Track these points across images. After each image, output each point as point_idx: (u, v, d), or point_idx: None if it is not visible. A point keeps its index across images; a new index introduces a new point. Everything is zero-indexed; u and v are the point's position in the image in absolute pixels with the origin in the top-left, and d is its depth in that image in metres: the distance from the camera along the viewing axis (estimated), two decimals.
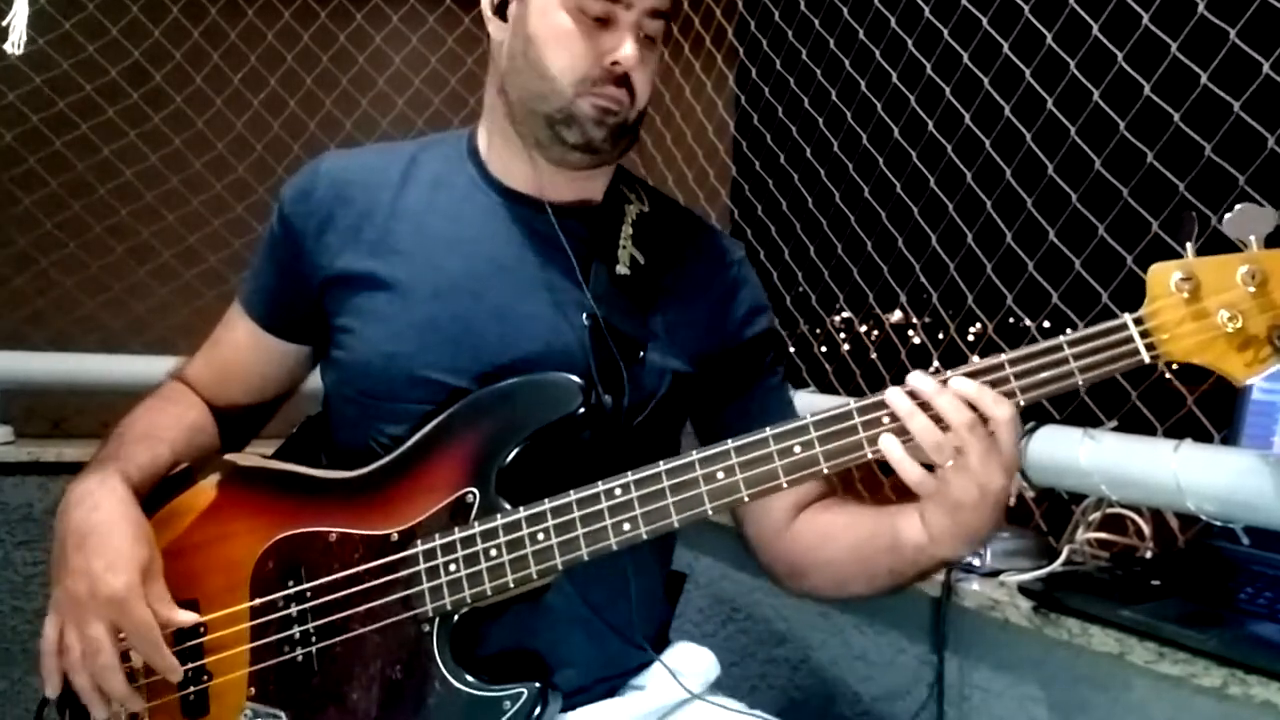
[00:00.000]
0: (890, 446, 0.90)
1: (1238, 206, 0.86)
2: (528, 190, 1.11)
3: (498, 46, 1.09)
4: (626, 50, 1.01)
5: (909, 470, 0.91)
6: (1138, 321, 0.87)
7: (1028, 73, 1.56)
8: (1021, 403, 0.89)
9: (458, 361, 1.05)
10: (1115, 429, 1.34)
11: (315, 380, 1.23)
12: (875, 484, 1.81)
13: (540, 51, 1.03)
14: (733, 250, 1.21)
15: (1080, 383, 0.88)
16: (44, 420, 2.29)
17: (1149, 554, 1.37)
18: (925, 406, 0.90)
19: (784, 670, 1.73)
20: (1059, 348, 0.88)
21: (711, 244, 1.20)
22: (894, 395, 0.91)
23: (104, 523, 0.98)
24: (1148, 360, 0.87)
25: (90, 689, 0.99)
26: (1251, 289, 0.85)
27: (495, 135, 1.12)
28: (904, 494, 0.97)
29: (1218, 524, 1.25)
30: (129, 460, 1.05)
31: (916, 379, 0.90)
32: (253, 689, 1.01)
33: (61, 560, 0.99)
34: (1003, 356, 0.90)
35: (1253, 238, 0.85)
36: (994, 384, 0.90)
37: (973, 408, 0.88)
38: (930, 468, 0.92)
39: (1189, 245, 0.87)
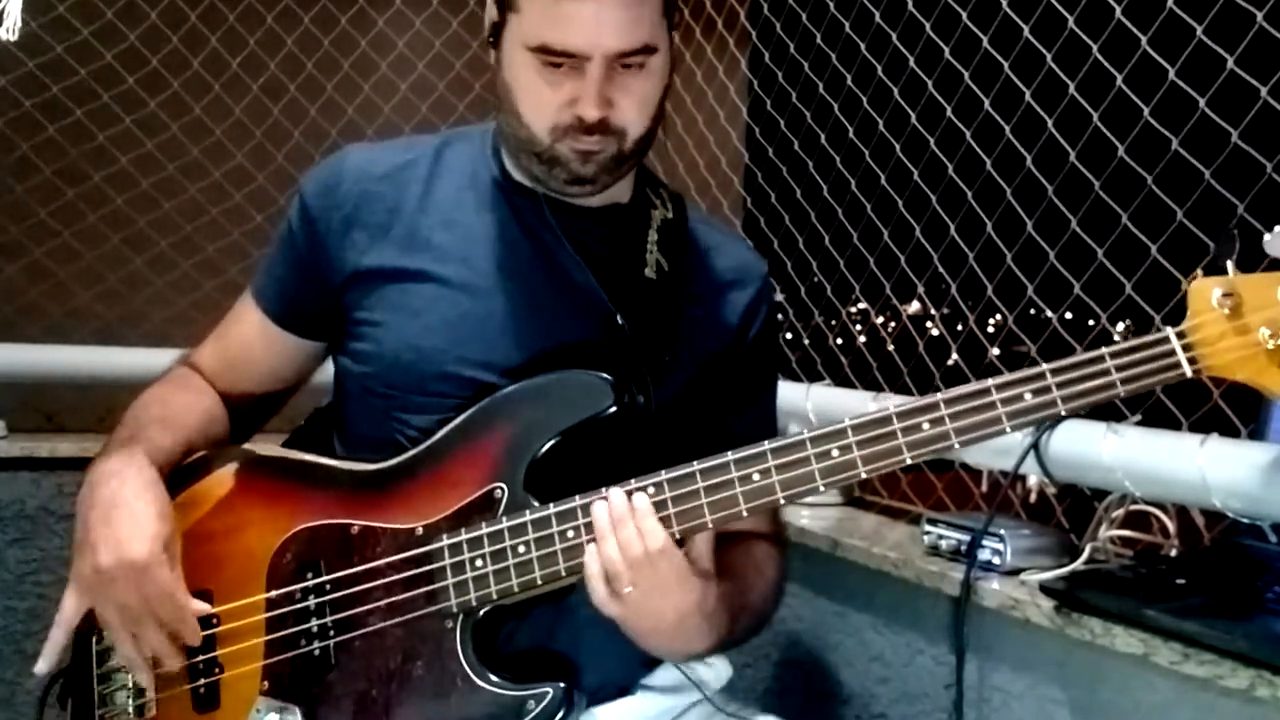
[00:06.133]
0: (590, 560, 0.93)
1: (1278, 228, 0.89)
2: (551, 192, 1.10)
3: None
4: (586, 106, 0.97)
5: (593, 590, 0.93)
6: (1180, 335, 0.89)
7: (1049, 57, 1.56)
8: (1063, 413, 0.91)
9: (489, 357, 1.05)
10: (1139, 423, 1.33)
11: (319, 373, 1.22)
12: (892, 481, 1.79)
13: (514, 97, 1.02)
14: (756, 265, 1.21)
15: (1122, 393, 0.90)
16: (37, 414, 2.26)
17: (1174, 552, 1.37)
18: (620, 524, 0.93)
19: (798, 672, 1.72)
20: (1101, 359, 0.90)
21: (735, 259, 1.19)
22: (598, 511, 0.94)
23: (129, 497, 0.99)
24: (1189, 374, 0.89)
25: (136, 655, 0.99)
26: None
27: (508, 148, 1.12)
28: (923, 495, 0.96)
29: (1244, 521, 1.24)
30: (152, 442, 1.06)
31: (598, 509, 0.93)
32: (266, 683, 1.01)
33: (84, 534, 0.99)
34: (1045, 366, 0.91)
35: None
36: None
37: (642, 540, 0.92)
38: None
39: (1230, 263, 0.90)
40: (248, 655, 1.01)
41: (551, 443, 0.99)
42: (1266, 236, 0.89)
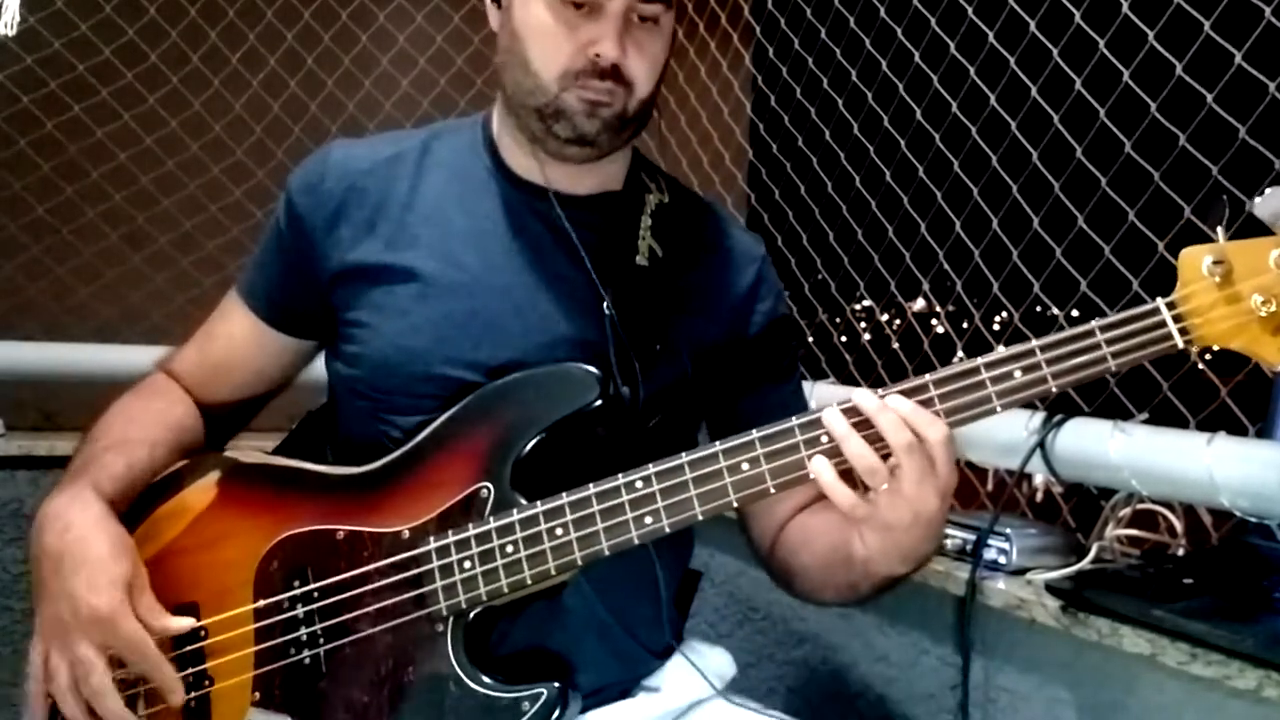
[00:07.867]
0: (821, 469, 0.90)
1: (1268, 190, 0.86)
2: (542, 181, 1.09)
3: (498, 38, 1.08)
4: (606, 44, 0.98)
5: (839, 495, 0.90)
6: (1170, 306, 0.87)
7: (1055, 52, 1.55)
8: (1054, 389, 0.89)
9: (476, 356, 1.04)
10: (1146, 422, 1.33)
11: (313, 373, 1.20)
12: None
13: (524, 45, 1.01)
14: (754, 248, 1.20)
15: (1113, 368, 0.88)
16: (35, 412, 2.25)
17: (1181, 551, 1.37)
18: (863, 424, 0.89)
19: (802, 672, 1.71)
20: (1091, 333, 0.88)
21: (732, 241, 1.18)
22: (831, 416, 0.91)
23: (78, 542, 0.96)
24: (1181, 345, 0.87)
25: (83, 715, 0.96)
26: None
27: (504, 127, 1.11)
28: None
29: (1253, 520, 1.23)
30: (101, 471, 1.03)
31: (860, 397, 0.90)
32: (257, 693, 0.99)
33: (39, 585, 0.98)
34: (1034, 343, 0.89)
35: None
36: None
37: (911, 429, 0.88)
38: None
39: (1220, 230, 0.87)
40: (237, 666, 0.99)
41: (536, 439, 0.98)
42: (1255, 200, 0.85)
